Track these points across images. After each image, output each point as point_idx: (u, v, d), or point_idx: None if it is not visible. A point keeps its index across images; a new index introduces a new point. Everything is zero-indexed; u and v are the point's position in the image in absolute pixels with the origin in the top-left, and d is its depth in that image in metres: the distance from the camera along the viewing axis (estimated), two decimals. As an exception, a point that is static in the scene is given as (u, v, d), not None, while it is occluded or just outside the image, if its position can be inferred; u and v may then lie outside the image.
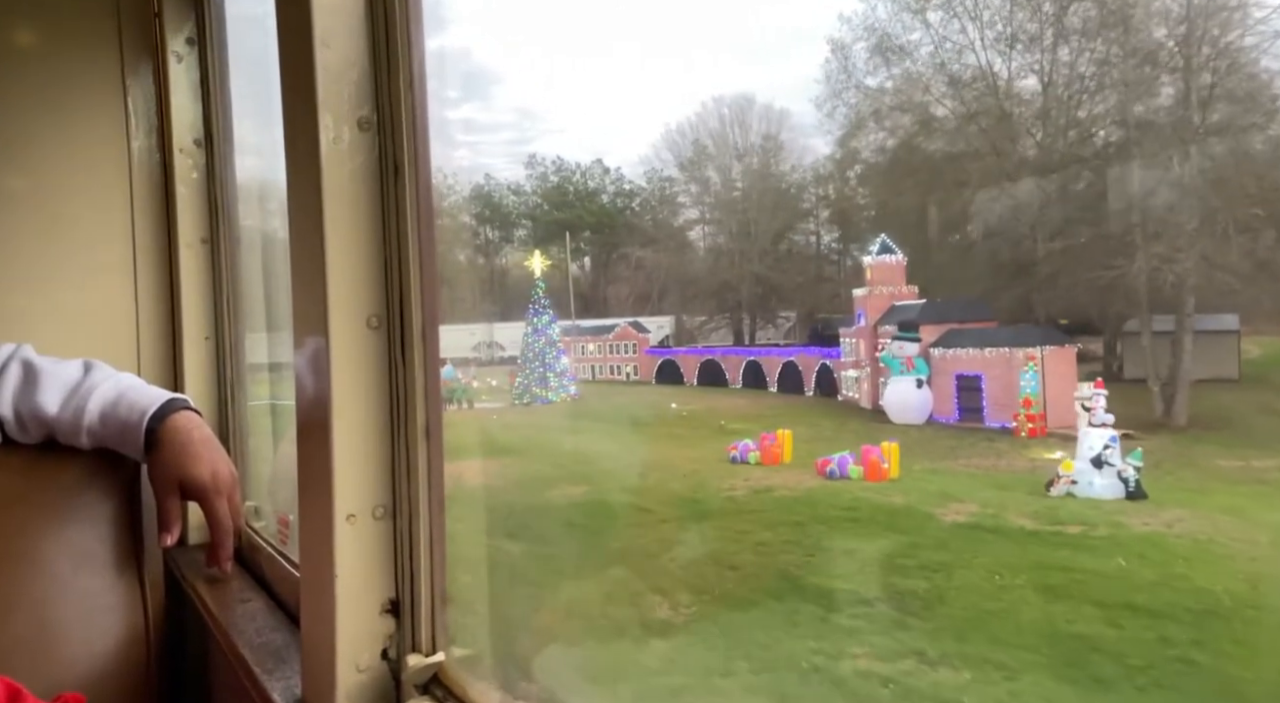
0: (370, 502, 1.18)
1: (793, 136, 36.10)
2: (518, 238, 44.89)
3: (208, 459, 1.51)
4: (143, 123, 2.22)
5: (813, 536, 13.72)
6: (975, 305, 22.90)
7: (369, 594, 1.19)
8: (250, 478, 2.18)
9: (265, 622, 1.60)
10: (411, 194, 1.14)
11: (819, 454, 17.59)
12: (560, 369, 31.72)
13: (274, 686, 1.32)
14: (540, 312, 32.59)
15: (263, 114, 2.07)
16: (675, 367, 33.70)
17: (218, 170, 2.18)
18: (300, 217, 1.20)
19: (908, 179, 27.61)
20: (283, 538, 1.83)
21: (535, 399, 30.51)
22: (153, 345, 2.22)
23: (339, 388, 1.15)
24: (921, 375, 21.64)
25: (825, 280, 36.49)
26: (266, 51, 1.28)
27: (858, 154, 32.37)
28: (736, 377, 31.16)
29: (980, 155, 24.36)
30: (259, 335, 2.36)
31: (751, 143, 37.62)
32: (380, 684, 1.19)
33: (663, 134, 39.01)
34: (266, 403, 2.39)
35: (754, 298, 38.16)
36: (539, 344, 31.60)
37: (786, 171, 37.71)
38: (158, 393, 1.58)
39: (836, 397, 25.86)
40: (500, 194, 45.88)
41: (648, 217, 42.71)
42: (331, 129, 1.12)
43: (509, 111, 45.81)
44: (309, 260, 1.17)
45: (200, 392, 2.17)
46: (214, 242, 2.19)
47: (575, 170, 45.12)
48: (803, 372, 28.24)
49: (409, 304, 1.16)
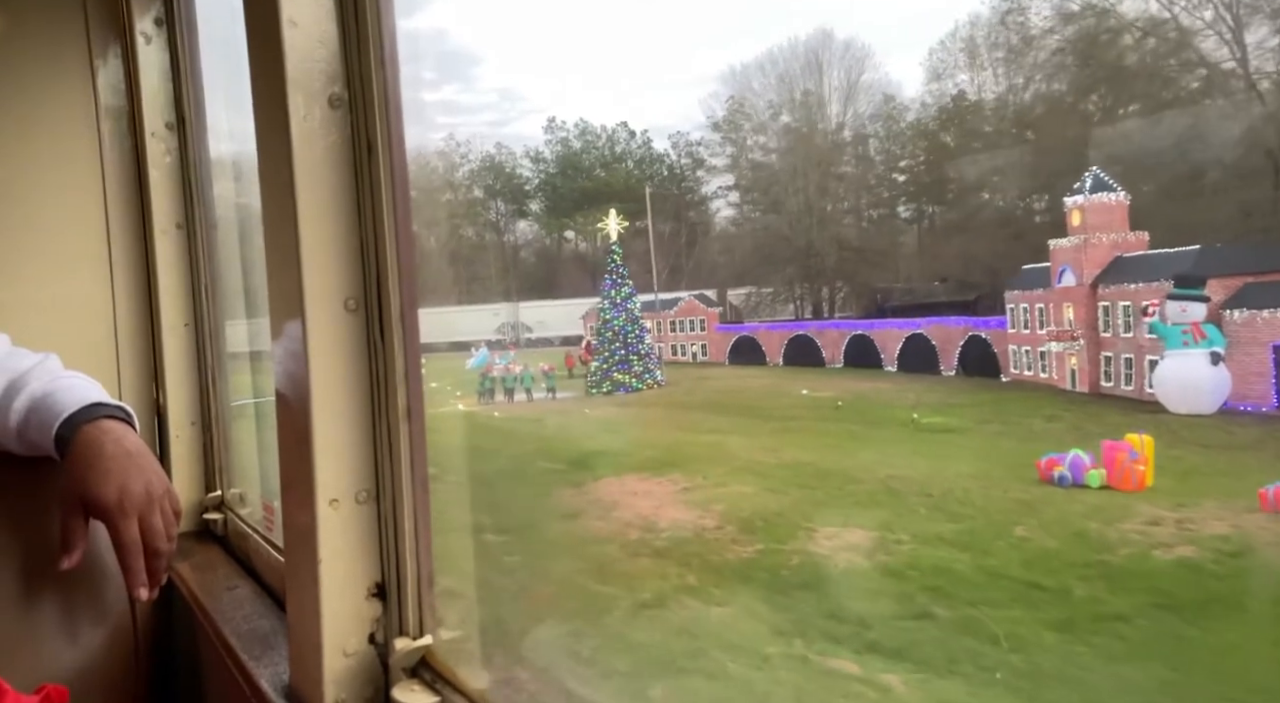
0: (353, 486, 1.17)
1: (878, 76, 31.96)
2: (558, 207, 42.33)
3: (117, 475, 1.33)
4: (112, 107, 2.18)
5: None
6: (1272, 250, 16.05)
7: (354, 579, 1.18)
8: (234, 465, 2.17)
9: (252, 608, 1.60)
10: (386, 172, 1.12)
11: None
12: (644, 350, 27.06)
13: (261, 672, 1.32)
14: (619, 282, 27.69)
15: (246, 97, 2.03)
16: (753, 345, 29.44)
17: (191, 153, 2.14)
18: (273, 198, 1.18)
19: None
20: (268, 525, 1.83)
21: (617, 387, 26.48)
22: (130, 334, 2.19)
23: (317, 371, 1.13)
24: (1217, 347, 15.68)
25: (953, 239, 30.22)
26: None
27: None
28: (836, 354, 27.06)
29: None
30: (240, 322, 2.34)
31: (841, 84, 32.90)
32: (368, 668, 1.19)
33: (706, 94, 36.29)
34: (250, 400, 2.36)
35: (836, 266, 32.93)
36: (619, 322, 26.91)
37: (901, 110, 32.16)
38: (84, 396, 1.42)
39: (999, 376, 21.13)
40: (515, 163, 43.14)
41: (682, 184, 38.42)
42: (302, 107, 1.10)
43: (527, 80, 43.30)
44: (283, 242, 1.15)
45: (180, 379, 2.14)
46: (189, 226, 2.16)
47: (601, 134, 42.95)
48: (937, 346, 23.60)
49: (387, 285, 1.15)
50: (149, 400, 2.19)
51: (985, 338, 21.56)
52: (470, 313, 39.96)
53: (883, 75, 34.07)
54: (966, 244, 30.29)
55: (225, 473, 2.14)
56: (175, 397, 2.14)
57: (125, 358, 2.17)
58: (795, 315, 33.70)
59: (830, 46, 34.48)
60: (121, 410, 1.44)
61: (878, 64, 33.71)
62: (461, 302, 42.13)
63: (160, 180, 2.15)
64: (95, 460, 1.34)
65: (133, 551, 1.33)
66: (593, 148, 43.41)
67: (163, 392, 2.15)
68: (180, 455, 2.14)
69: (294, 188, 1.10)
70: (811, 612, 10.57)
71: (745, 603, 11.10)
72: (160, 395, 2.17)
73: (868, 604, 10.52)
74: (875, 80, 34.03)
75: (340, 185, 1.14)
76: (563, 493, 16.67)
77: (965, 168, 32.06)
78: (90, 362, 1.81)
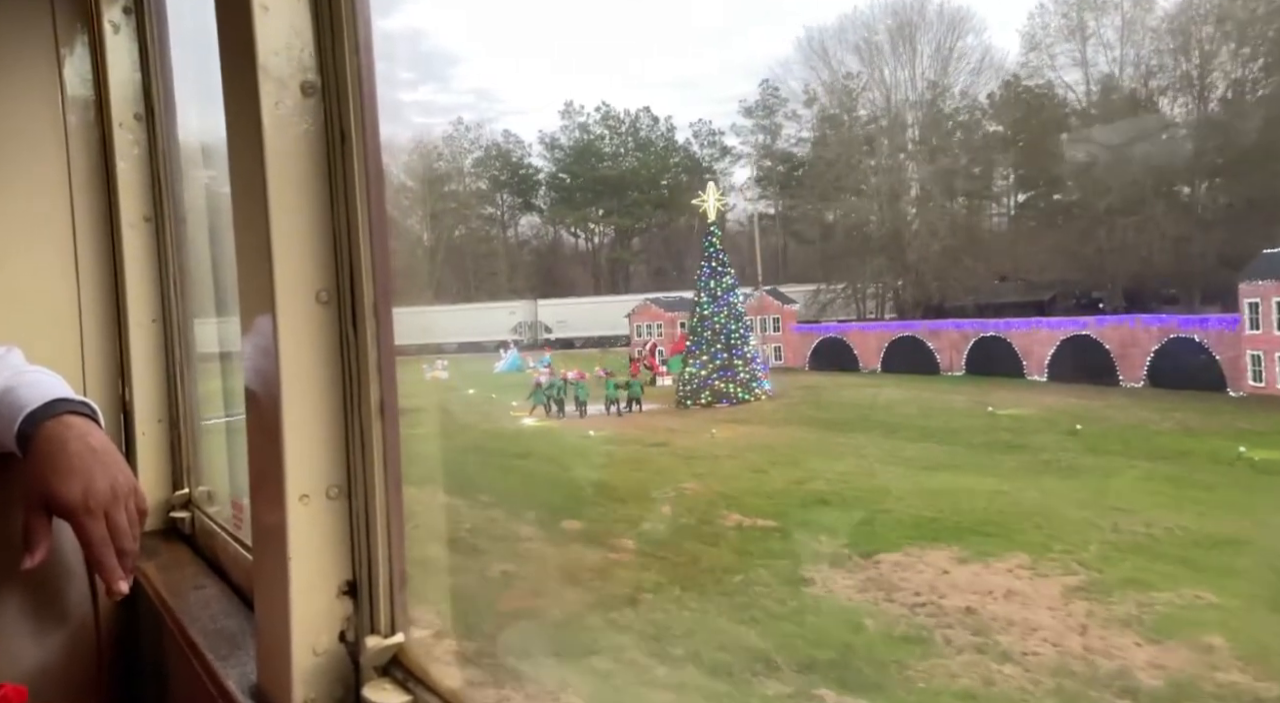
0: (324, 481, 1.15)
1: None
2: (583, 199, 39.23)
3: (81, 473, 1.30)
4: (79, 97, 2.13)
5: None
6: None
7: (325, 576, 1.16)
8: (203, 462, 2.13)
9: (220, 608, 1.57)
10: (360, 162, 1.11)
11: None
12: (750, 354, 22.07)
13: (229, 672, 1.29)
14: (719, 272, 22.60)
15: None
16: (841, 348, 24.59)
17: (160, 145, 2.10)
18: (243, 187, 1.16)
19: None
20: (237, 522, 1.79)
21: (719, 398, 21.49)
22: (96, 329, 2.15)
23: (288, 365, 1.11)
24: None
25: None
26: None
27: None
28: (955, 360, 22.15)
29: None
30: (210, 321, 2.29)
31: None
32: (338, 668, 1.17)
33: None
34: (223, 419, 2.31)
35: (937, 257, 27.28)
36: (720, 319, 21.96)
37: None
38: (47, 392, 1.38)
39: (1225, 389, 16.66)
40: (524, 152, 40.55)
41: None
42: (273, 94, 1.08)
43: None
44: (253, 233, 1.13)
45: (147, 375, 2.10)
46: (158, 219, 2.12)
47: (624, 120, 40.57)
48: (1112, 351, 18.77)
49: (360, 277, 1.13)
50: (115, 397, 2.14)
51: (1200, 341, 17.07)
52: (484, 311, 37.84)
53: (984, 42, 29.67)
54: (1069, 237, 26.15)
55: (193, 471, 2.10)
56: (142, 393, 2.10)
57: (90, 353, 2.12)
58: (858, 314, 29.39)
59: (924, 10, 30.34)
60: (86, 407, 1.40)
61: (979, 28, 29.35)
62: (471, 299, 40.08)
63: (128, 172, 2.11)
64: (59, 458, 1.31)
65: (103, 547, 1.30)
66: (616, 134, 40.75)
67: (129, 388, 2.11)
68: (147, 453, 2.10)
69: (265, 177, 1.08)
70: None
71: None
72: (126, 392, 2.12)
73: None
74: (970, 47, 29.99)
75: (312, 175, 1.12)
76: (833, 578, 11.02)
77: (1074, 149, 27.87)
78: (54, 357, 1.77)
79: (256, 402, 1.19)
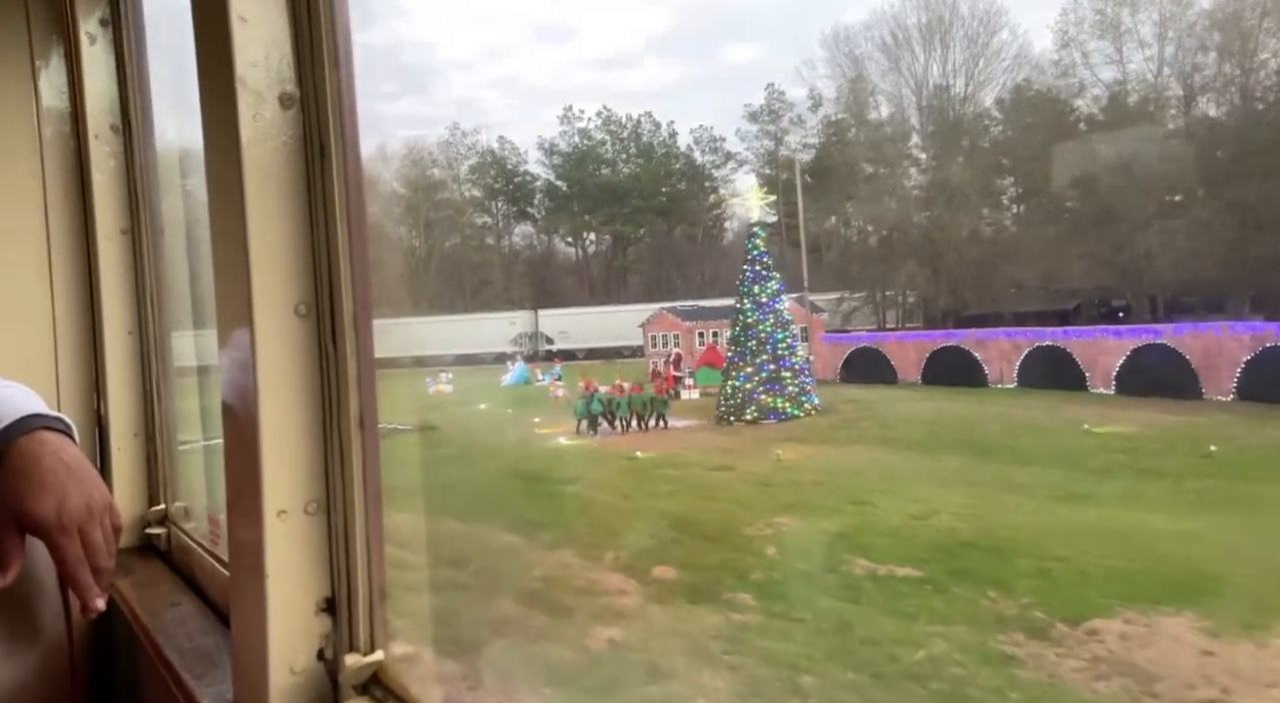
0: (302, 497, 1.14)
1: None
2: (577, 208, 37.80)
3: (55, 490, 1.28)
4: (54, 108, 2.11)
5: None
6: None
7: (303, 593, 1.14)
8: (179, 477, 2.10)
9: (196, 625, 1.54)
10: (340, 174, 1.10)
11: None
12: (798, 365, 20.22)
13: (204, 692, 1.27)
14: (763, 276, 20.88)
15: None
16: (876, 358, 22.91)
17: (137, 157, 2.08)
18: (221, 199, 1.14)
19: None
20: (214, 538, 1.77)
21: (766, 413, 19.50)
22: (71, 343, 2.12)
23: (266, 378, 1.10)
24: None
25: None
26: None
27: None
28: (1007, 371, 20.25)
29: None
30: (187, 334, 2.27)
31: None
32: (316, 686, 1.15)
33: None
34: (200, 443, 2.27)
35: (974, 262, 25.39)
36: (765, 327, 20.18)
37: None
38: (20, 407, 1.36)
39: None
40: (520, 160, 39.32)
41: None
42: (252, 106, 1.07)
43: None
44: (231, 245, 1.11)
45: (123, 389, 2.07)
46: (135, 232, 2.09)
47: (625, 124, 39.43)
48: (1193, 363, 16.76)
49: (339, 290, 1.12)
50: (90, 411, 2.11)
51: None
52: (482, 322, 36.96)
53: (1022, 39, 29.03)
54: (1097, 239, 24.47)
55: (170, 486, 2.07)
56: (117, 407, 2.07)
57: (65, 367, 2.09)
58: (880, 324, 28.11)
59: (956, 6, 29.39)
60: (60, 422, 1.38)
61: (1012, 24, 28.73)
62: (467, 309, 39.27)
63: (104, 184, 2.08)
64: (32, 474, 1.28)
65: (78, 565, 1.28)
66: (617, 139, 39.76)
67: (104, 402, 2.08)
68: (122, 468, 2.07)
69: (243, 189, 1.07)
70: None
71: None
72: (101, 406, 2.09)
73: None
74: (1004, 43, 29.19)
75: (291, 187, 1.11)
76: (1044, 655, 8.42)
77: (1104, 148, 26.44)
78: (27, 371, 1.74)
79: (234, 416, 1.18)
